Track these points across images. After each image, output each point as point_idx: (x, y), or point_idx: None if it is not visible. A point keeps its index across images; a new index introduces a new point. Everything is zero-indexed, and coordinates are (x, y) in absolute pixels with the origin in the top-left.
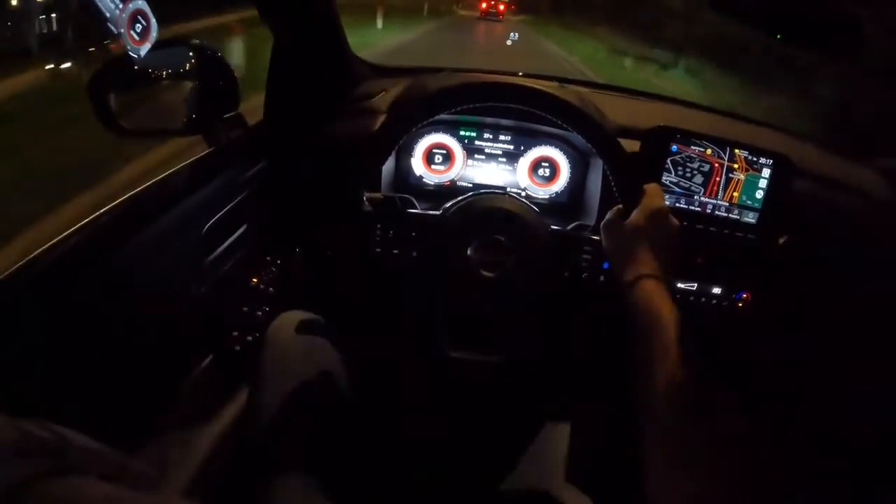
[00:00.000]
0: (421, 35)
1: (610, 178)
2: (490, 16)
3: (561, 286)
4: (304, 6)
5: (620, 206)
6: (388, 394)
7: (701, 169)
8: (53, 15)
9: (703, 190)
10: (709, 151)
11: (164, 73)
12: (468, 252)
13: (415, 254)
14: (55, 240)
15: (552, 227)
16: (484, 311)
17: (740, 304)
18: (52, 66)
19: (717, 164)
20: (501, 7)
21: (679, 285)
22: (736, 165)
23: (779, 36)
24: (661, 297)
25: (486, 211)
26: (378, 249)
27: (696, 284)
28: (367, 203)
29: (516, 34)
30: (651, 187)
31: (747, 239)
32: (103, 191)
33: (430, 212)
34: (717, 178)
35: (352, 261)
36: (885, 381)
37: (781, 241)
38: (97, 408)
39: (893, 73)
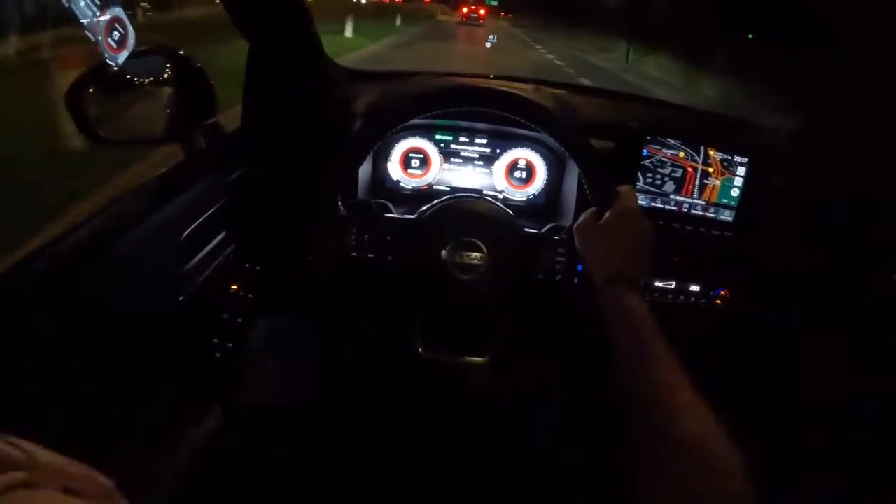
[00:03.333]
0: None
1: (582, 180)
2: (471, 20)
3: (535, 288)
4: (276, 12)
5: (594, 208)
6: (366, 396)
7: (673, 174)
8: None
9: (678, 191)
10: (682, 154)
11: (146, 81)
12: (443, 255)
13: (390, 257)
14: (30, 251)
15: (527, 229)
16: (459, 314)
17: (718, 301)
18: None
19: (690, 168)
20: (482, 11)
21: (657, 284)
22: (711, 169)
23: (750, 35)
24: (634, 299)
25: (460, 214)
26: (354, 253)
27: (674, 283)
28: (342, 208)
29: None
30: (624, 189)
31: (724, 236)
32: None
33: (405, 216)
34: (691, 184)
35: (328, 266)
36: (859, 373)
37: (757, 238)
38: (77, 417)
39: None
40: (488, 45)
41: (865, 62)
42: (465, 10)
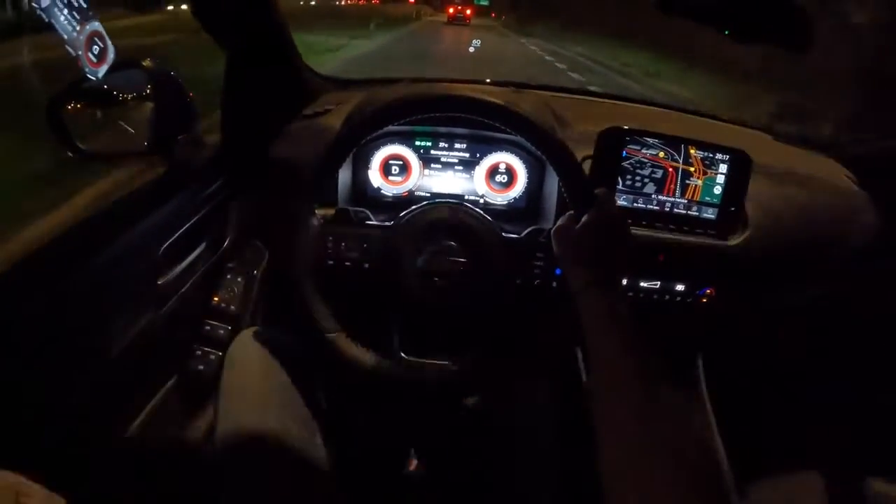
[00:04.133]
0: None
1: (560, 183)
2: (458, 20)
3: (513, 293)
4: (250, 22)
5: (572, 211)
6: (349, 403)
7: (653, 175)
8: None
9: (659, 192)
10: (662, 154)
11: (130, 95)
12: (420, 261)
13: (367, 265)
14: (10, 265)
15: (506, 233)
16: (437, 320)
17: (704, 300)
18: None
19: (671, 169)
20: (468, 12)
21: (642, 284)
22: (692, 168)
23: (727, 32)
24: (612, 303)
25: (437, 220)
26: (331, 262)
27: (658, 283)
28: (319, 216)
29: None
30: (602, 192)
31: (707, 235)
32: None
33: (383, 223)
34: (672, 184)
35: (307, 274)
36: (853, 370)
37: (741, 235)
38: (62, 430)
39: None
40: (471, 49)
41: None
42: (451, 10)
